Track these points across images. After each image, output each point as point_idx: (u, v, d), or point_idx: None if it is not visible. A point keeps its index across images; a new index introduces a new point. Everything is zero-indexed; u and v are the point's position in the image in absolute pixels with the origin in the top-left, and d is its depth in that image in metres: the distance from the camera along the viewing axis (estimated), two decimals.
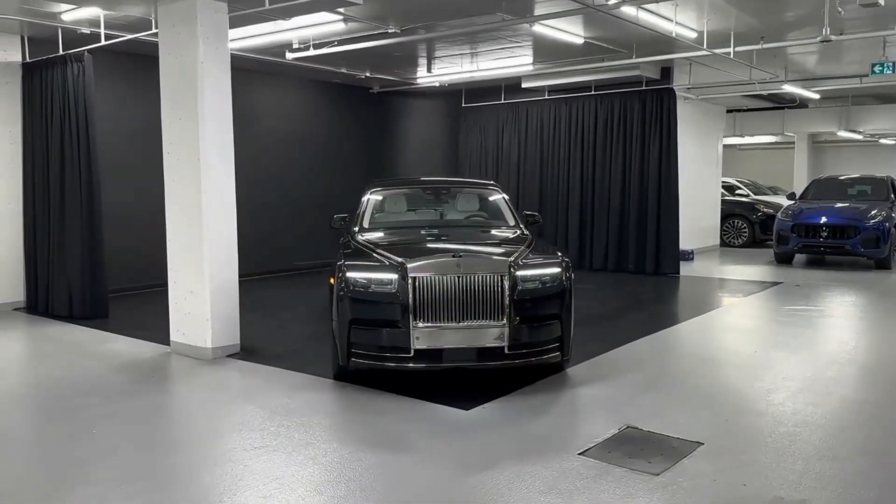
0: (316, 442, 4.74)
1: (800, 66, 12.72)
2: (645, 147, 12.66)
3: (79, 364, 6.80)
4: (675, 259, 12.52)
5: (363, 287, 5.74)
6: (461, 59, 11.50)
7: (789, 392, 5.79)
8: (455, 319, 5.60)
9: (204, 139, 6.70)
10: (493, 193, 7.94)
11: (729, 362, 6.85)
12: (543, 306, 5.86)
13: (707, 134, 16.28)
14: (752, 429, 4.98)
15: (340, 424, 5.10)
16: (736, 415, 5.28)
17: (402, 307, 5.57)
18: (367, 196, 7.63)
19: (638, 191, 12.71)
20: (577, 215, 13.45)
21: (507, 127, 14.40)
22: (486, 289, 5.63)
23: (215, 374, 6.43)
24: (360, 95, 14.12)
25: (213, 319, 6.83)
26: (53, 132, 8.90)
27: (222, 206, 6.88)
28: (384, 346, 5.69)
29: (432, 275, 5.60)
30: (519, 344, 5.71)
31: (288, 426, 5.03)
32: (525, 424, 5.08)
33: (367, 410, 5.41)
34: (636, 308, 9.73)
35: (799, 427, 4.99)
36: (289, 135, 12.91)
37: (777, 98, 17.03)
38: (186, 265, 6.96)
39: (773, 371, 6.43)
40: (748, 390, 5.88)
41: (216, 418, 5.33)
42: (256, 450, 4.60)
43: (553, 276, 5.92)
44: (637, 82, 12.64)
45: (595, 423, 5.11)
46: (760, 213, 17.26)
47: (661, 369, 6.57)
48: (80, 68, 8.59)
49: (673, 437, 4.81)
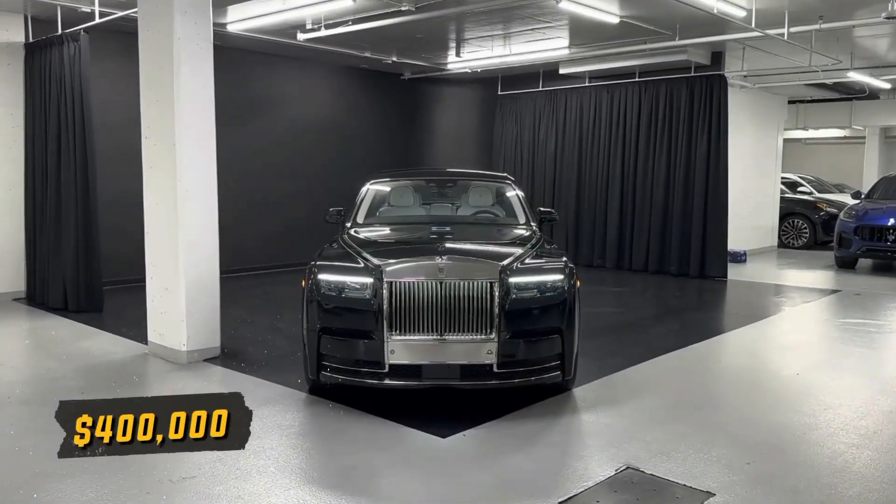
0: (255, 475, 4.08)
1: (868, 52, 11.50)
2: (692, 139, 11.65)
3: (41, 364, 6.33)
4: (722, 261, 11.50)
5: (335, 291, 5.07)
6: (492, 42, 10.71)
7: (830, 429, 4.89)
8: (436, 332, 4.88)
9: (180, 124, 6.12)
10: (506, 188, 7.16)
11: (765, 387, 5.95)
12: (541, 318, 5.08)
13: (765, 125, 15.09)
14: (778, 477, 4.13)
15: (292, 452, 4.43)
16: (761, 457, 4.42)
17: (376, 316, 4.88)
18: (366, 188, 6.95)
19: (683, 186, 11.71)
20: (617, 212, 12.51)
21: (544, 116, 13.53)
22: (473, 297, 4.89)
23: (180, 382, 5.85)
24: (391, 82, 13.44)
25: (188, 320, 6.26)
26: (51, 115, 8.48)
27: (201, 196, 6.29)
28: (357, 360, 5.01)
29: (411, 280, 4.89)
30: (511, 361, 4.95)
31: (236, 454, 4.38)
32: (506, 459, 4.33)
33: (328, 435, 4.74)
34: (670, 316, 8.83)
35: (837, 478, 4.11)
36: (314, 122, 12.32)
37: (844, 88, 15.68)
38: (162, 259, 6.41)
39: (814, 400, 5.52)
40: (782, 424, 4.99)
41: None
42: (182, 481, 3.97)
43: (553, 284, 5.13)
44: (685, 68, 11.62)
45: (590, 460, 4.33)
46: (823, 213, 15.96)
47: (683, 393, 5.72)
48: (76, 48, 8.14)
49: (679, 483, 4.00)
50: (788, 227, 16.25)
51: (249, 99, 11.46)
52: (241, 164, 11.12)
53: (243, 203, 11.06)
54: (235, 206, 10.59)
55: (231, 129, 10.82)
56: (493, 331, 4.88)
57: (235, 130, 11.07)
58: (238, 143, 11.08)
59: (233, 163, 10.69)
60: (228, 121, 10.69)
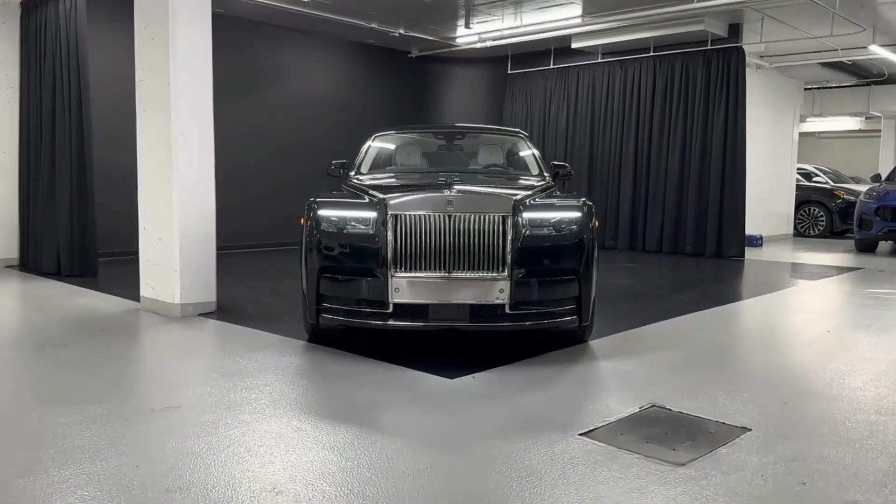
0: (244, 405, 3.74)
1: (891, 26, 11.13)
2: (709, 114, 11.29)
3: (24, 316, 6.01)
4: (739, 241, 11.12)
5: (336, 228, 4.73)
6: (503, 9, 10.39)
7: (871, 375, 4.52)
8: (444, 269, 4.53)
9: (175, 61, 5.80)
10: (519, 142, 6.81)
11: (795, 341, 5.58)
12: (557, 258, 4.71)
13: (782, 111, 14.71)
14: (820, 415, 3.76)
15: (287, 388, 4.08)
16: (799, 398, 4.05)
17: (380, 252, 4.54)
18: (370, 142, 6.61)
19: (699, 162, 11.35)
20: (630, 191, 12.14)
21: (555, 95, 13.17)
22: (485, 232, 4.54)
23: (171, 331, 5.52)
24: (399, 60, 13.14)
25: (182, 271, 5.93)
26: (46, 74, 8.19)
27: (196, 139, 5.96)
28: (359, 300, 4.66)
29: (418, 213, 4.54)
30: (524, 302, 4.60)
31: (223, 387, 4.05)
32: (519, 398, 3.97)
33: (327, 375, 4.39)
34: (687, 286, 8.45)
35: (884, 416, 3.74)
36: (320, 100, 12.00)
37: (862, 71, 15.29)
38: (155, 208, 6.08)
39: (850, 352, 5.14)
40: (817, 371, 4.62)
41: (139, 376, 4.41)
42: (165, 410, 3.63)
43: (571, 222, 4.78)
44: (702, 41, 11.26)
45: (610, 399, 3.97)
46: (840, 201, 15.54)
47: (707, 346, 5.35)
48: (72, 3, 7.84)
49: (710, 419, 3.64)
50: (804, 216, 15.84)
51: (254, 73, 11.16)
52: (244, 141, 10.82)
53: (245, 180, 10.76)
54: (237, 184, 10.31)
55: (234, 103, 10.54)
56: (506, 269, 4.53)
57: (238, 106, 10.77)
58: (241, 120, 10.79)
59: (235, 139, 10.41)
60: (232, 95, 10.44)
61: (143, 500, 2.63)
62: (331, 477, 2.87)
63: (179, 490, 2.72)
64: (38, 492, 2.69)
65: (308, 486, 2.77)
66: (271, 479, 2.84)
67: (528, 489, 2.80)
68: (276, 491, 2.73)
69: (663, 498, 2.74)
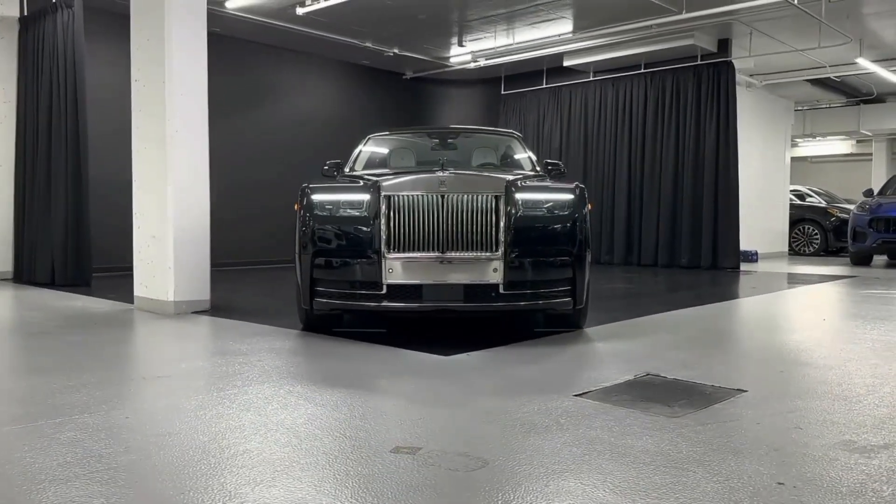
0: (236, 375, 3.71)
1: (877, 39, 11.30)
2: (700, 128, 11.40)
3: (18, 314, 5.97)
4: (734, 253, 11.14)
5: (329, 212, 4.74)
6: (495, 26, 10.54)
7: (866, 349, 4.51)
8: (438, 249, 4.53)
9: (171, 60, 5.86)
10: (513, 143, 6.86)
11: (791, 327, 5.56)
12: (550, 239, 4.72)
13: (774, 130, 14.84)
14: (816, 380, 3.73)
15: (281, 364, 4.05)
16: (795, 366, 4.04)
17: (372, 233, 4.54)
18: (363, 144, 6.66)
19: (692, 176, 11.43)
20: (625, 206, 12.20)
21: (548, 113, 13.32)
22: (478, 212, 4.55)
23: (164, 324, 5.49)
24: (394, 82, 13.30)
25: (176, 268, 5.92)
26: (43, 88, 8.26)
27: (190, 137, 6.00)
28: (352, 283, 4.65)
29: (411, 194, 4.56)
30: (518, 282, 4.59)
31: (216, 363, 4.02)
32: (514, 370, 3.95)
33: (326, 354, 4.36)
34: (685, 289, 8.45)
35: (880, 379, 3.72)
36: (315, 120, 12.12)
37: (851, 90, 15.48)
38: (149, 206, 6.09)
39: (844, 336, 5.13)
40: (813, 349, 4.60)
41: (131, 355, 4.37)
42: (157, 378, 3.60)
43: (564, 204, 4.80)
44: (691, 56, 11.43)
45: (605, 371, 3.94)
46: (834, 219, 15.59)
47: (703, 330, 5.32)
48: (70, 14, 7.95)
49: (706, 384, 3.62)
50: (799, 234, 15.88)
51: (248, 92, 11.27)
52: (238, 159, 10.88)
53: (239, 198, 10.78)
54: (231, 201, 10.33)
55: (228, 121, 10.62)
56: (499, 249, 4.53)
57: (233, 123, 10.85)
58: (235, 137, 10.87)
59: (230, 157, 10.47)
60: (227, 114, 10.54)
61: (131, 442, 2.60)
62: (321, 422, 2.84)
63: (169, 434, 2.69)
64: (27, 437, 2.65)
65: (297, 432, 2.74)
66: (262, 425, 2.81)
67: (522, 434, 2.77)
68: (267, 431, 2.70)
69: (657, 440, 2.71)
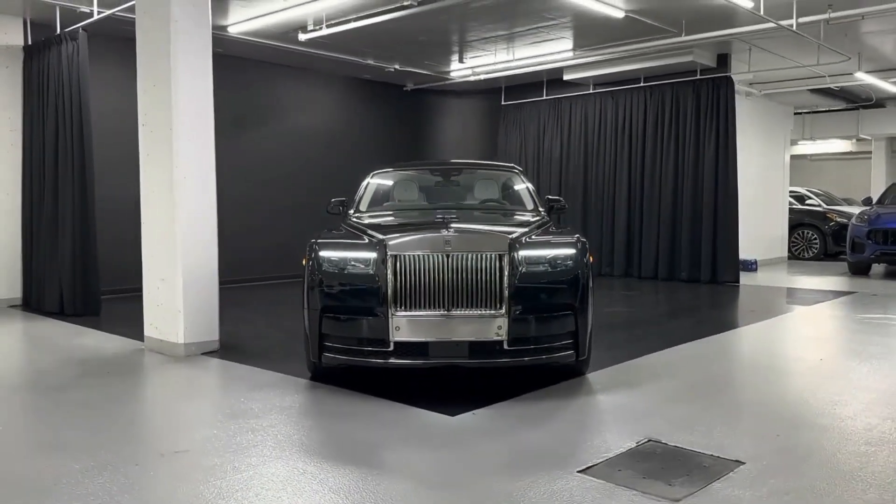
0: (251, 448, 3.83)
1: (875, 52, 11.36)
2: (700, 143, 11.48)
3: (30, 357, 6.10)
4: (734, 267, 11.25)
5: (337, 268, 4.85)
6: (495, 45, 10.59)
7: (862, 404, 4.63)
8: (443, 307, 4.65)
9: (177, 109, 5.95)
10: (514, 176, 6.96)
11: (788, 370, 5.68)
12: (553, 294, 4.84)
13: (772, 136, 14.91)
14: (811, 447, 3.86)
15: (292, 429, 4.18)
16: (791, 429, 4.16)
17: (380, 292, 4.65)
18: (368, 179, 6.76)
19: (692, 190, 11.53)
20: (625, 219, 12.30)
21: (549, 125, 13.39)
22: (482, 271, 4.66)
23: (175, 371, 5.61)
24: (394, 94, 13.36)
25: (185, 311, 6.03)
26: (48, 117, 8.35)
27: (198, 183, 6.10)
28: (360, 339, 4.77)
29: (416, 253, 4.67)
30: (522, 339, 4.71)
31: (229, 429, 4.14)
32: (519, 434, 4.07)
33: (330, 414, 4.49)
34: (683, 314, 8.56)
35: (874, 446, 3.85)
36: (317, 134, 12.20)
37: (851, 96, 15.54)
38: (158, 250, 6.20)
39: (841, 380, 5.25)
40: (810, 401, 4.73)
41: (147, 418, 4.49)
42: (174, 454, 3.72)
43: (565, 258, 4.91)
44: (690, 71, 11.49)
45: (608, 435, 4.07)
46: (833, 223, 15.70)
47: (702, 376, 5.45)
48: (75, 47, 8.03)
49: (705, 454, 3.74)
50: (798, 239, 15.99)
51: (251, 109, 11.34)
52: (241, 175, 10.97)
53: (243, 214, 10.87)
54: (234, 217, 10.41)
55: (232, 139, 10.70)
56: (503, 306, 4.65)
57: (236, 141, 10.94)
58: (239, 154, 10.95)
59: (233, 174, 10.55)
60: (229, 131, 10.61)
61: None
62: None
63: None
64: None
65: None
66: None
67: None
68: None
69: None
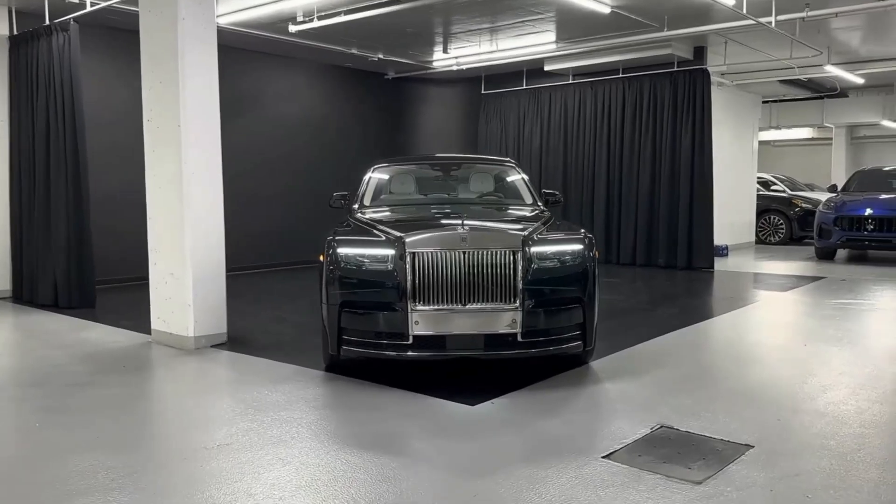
0: (290, 440, 4.02)
1: (844, 46, 11.80)
2: (676, 133, 11.83)
3: (40, 352, 6.15)
4: (709, 253, 11.66)
5: (356, 265, 5.03)
6: (479, 37, 10.76)
7: (849, 389, 4.97)
8: (460, 302, 4.86)
9: (185, 104, 6.04)
10: (510, 170, 7.18)
11: (775, 357, 6.02)
12: (563, 288, 5.09)
13: (742, 124, 15.36)
14: (811, 430, 4.17)
15: (322, 420, 4.37)
16: (790, 414, 4.47)
17: (399, 287, 4.85)
18: (369, 174, 6.92)
19: (669, 179, 11.88)
20: (604, 207, 12.64)
21: (528, 114, 13.63)
22: (497, 267, 4.88)
23: (191, 365, 5.75)
24: (375, 82, 13.45)
25: (195, 305, 6.15)
26: (39, 108, 8.31)
27: (206, 177, 6.22)
28: (379, 333, 4.96)
29: (434, 250, 4.87)
30: (534, 331, 4.95)
31: (261, 422, 4.31)
32: (539, 422, 4.32)
33: (355, 405, 4.68)
34: (666, 302, 8.90)
35: (867, 428, 4.17)
36: (298, 122, 12.25)
37: (816, 86, 16.06)
38: (167, 244, 6.29)
39: (827, 366, 5.60)
40: (801, 387, 5.06)
41: (178, 412, 4.64)
42: (218, 448, 3.89)
43: (574, 254, 5.15)
44: (668, 63, 11.81)
45: (622, 422, 4.34)
46: (798, 209, 16.27)
47: (697, 364, 5.76)
48: (65, 38, 7.99)
49: (716, 438, 4.02)
50: (765, 224, 16.52)
51: (233, 97, 11.34)
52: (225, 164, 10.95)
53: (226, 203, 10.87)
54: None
55: None
56: (517, 300, 4.87)
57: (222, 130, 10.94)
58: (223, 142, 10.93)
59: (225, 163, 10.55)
60: None
61: None
62: None
63: None
64: None
65: None
66: None
67: None
68: None
69: None
